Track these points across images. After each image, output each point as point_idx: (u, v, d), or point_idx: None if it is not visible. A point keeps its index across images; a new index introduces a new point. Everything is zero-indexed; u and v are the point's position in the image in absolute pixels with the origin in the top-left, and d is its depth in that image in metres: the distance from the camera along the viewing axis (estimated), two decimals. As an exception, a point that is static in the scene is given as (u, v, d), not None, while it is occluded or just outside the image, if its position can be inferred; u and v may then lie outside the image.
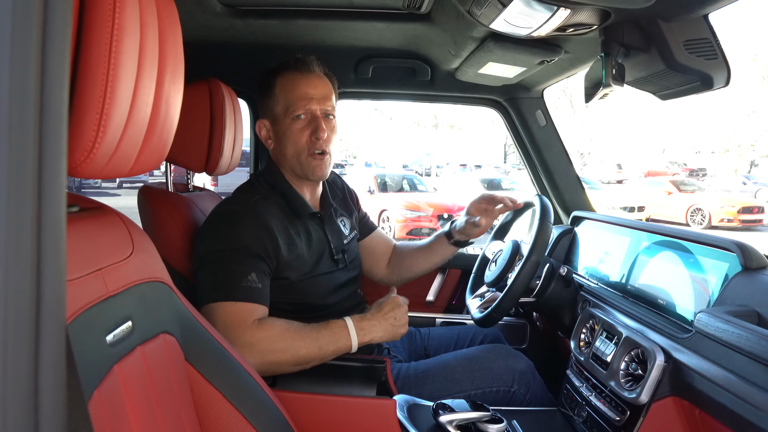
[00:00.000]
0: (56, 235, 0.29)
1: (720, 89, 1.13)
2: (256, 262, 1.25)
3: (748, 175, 23.13)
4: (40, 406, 0.27)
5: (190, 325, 0.89)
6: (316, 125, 1.36)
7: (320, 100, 1.37)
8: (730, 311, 0.93)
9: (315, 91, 1.37)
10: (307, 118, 1.37)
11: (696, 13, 1.06)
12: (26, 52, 0.26)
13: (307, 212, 1.41)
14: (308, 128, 1.37)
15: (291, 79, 1.38)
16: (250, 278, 1.23)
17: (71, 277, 0.63)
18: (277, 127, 1.41)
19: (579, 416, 1.33)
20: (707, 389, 0.96)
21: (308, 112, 1.37)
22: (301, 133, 1.37)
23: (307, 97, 1.36)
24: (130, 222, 0.84)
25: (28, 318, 0.27)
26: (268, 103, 1.42)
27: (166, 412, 0.77)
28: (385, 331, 1.28)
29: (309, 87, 1.37)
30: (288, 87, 1.38)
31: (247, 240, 1.26)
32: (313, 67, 1.40)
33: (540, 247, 1.41)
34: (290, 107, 1.37)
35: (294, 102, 1.36)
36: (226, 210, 1.34)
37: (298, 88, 1.37)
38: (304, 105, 1.36)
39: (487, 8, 1.13)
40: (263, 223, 1.30)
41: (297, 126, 1.37)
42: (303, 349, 1.19)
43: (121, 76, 0.59)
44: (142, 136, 0.67)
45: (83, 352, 0.61)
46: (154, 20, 0.66)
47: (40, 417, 0.27)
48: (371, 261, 1.73)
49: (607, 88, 1.17)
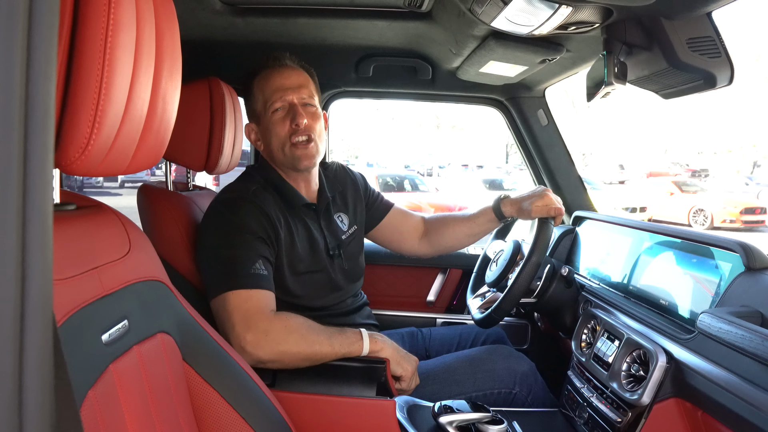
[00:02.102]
0: (42, 232, 0.28)
1: (723, 88, 1.12)
2: (261, 247, 1.27)
3: (751, 176, 23.07)
4: (24, 406, 0.27)
5: (188, 325, 0.89)
6: (294, 112, 1.37)
7: (295, 90, 1.39)
8: (733, 312, 0.92)
9: (288, 81, 1.39)
10: (285, 109, 1.39)
11: (699, 11, 1.05)
12: (10, 43, 0.25)
13: (301, 203, 1.41)
14: (287, 118, 1.38)
15: (265, 76, 1.41)
16: (257, 265, 1.24)
17: (66, 276, 0.62)
18: (262, 126, 1.43)
19: (580, 417, 1.32)
20: (710, 391, 0.95)
21: (285, 103, 1.38)
22: (282, 123, 1.38)
23: (282, 88, 1.38)
24: (128, 221, 0.83)
25: (12, 316, 0.26)
26: (250, 105, 1.46)
27: (163, 412, 0.76)
28: (394, 353, 1.28)
29: (282, 78, 1.39)
30: (263, 83, 1.41)
31: (250, 224, 1.27)
32: (285, 60, 1.42)
33: (541, 248, 1.40)
34: (267, 102, 1.39)
35: (270, 96, 1.39)
36: (226, 198, 1.36)
37: (271, 81, 1.39)
38: (280, 96, 1.38)
39: (488, 6, 1.12)
40: (263, 210, 1.31)
41: (276, 118, 1.39)
42: (317, 344, 1.20)
43: (116, 72, 0.58)
44: (138, 133, 0.67)
45: (78, 352, 0.60)
46: (151, 16, 0.65)
47: (24, 417, 0.27)
48: (398, 238, 1.72)
49: (609, 86, 1.16)
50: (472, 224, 1.66)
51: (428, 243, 1.71)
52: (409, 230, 1.72)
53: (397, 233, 1.71)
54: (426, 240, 1.71)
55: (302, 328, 1.21)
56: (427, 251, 1.73)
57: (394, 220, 1.71)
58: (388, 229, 1.70)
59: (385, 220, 1.69)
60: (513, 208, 1.58)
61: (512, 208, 1.58)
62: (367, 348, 1.24)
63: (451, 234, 1.69)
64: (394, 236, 1.71)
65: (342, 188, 1.58)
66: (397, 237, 1.71)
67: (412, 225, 1.72)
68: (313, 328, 1.22)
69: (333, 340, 1.22)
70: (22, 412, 0.27)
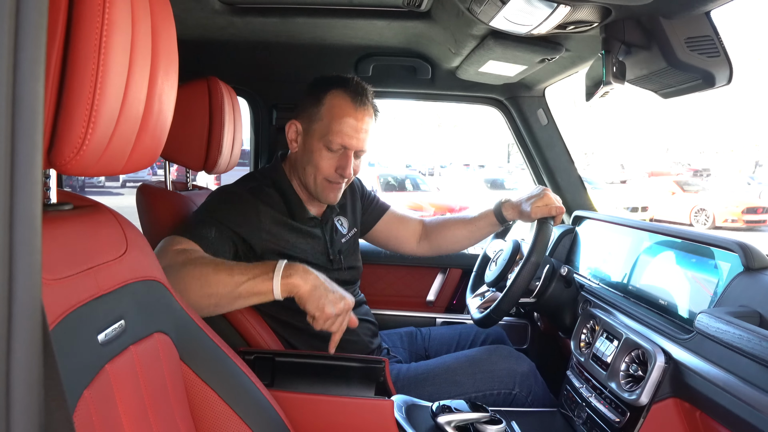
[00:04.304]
0: (30, 232, 0.28)
1: (722, 87, 1.11)
2: (225, 230, 1.26)
3: (753, 176, 23.03)
4: (11, 407, 0.27)
5: (186, 325, 0.89)
6: (346, 163, 1.35)
7: (360, 141, 1.35)
8: (731, 312, 0.92)
9: (360, 125, 1.34)
10: (340, 152, 1.35)
11: (697, 10, 1.04)
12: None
13: (304, 216, 1.41)
14: (336, 158, 1.35)
15: (342, 105, 1.34)
16: (209, 231, 1.24)
17: (62, 276, 0.62)
18: (308, 139, 1.38)
19: (579, 417, 1.32)
20: (708, 391, 0.95)
21: (343, 148, 1.35)
22: (330, 160, 1.35)
23: (352, 135, 1.34)
24: (125, 220, 0.83)
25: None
26: (310, 111, 1.38)
27: (160, 412, 0.76)
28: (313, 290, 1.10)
29: (358, 124, 1.34)
30: (336, 111, 1.34)
31: (227, 218, 1.28)
32: (368, 100, 1.37)
33: (540, 248, 1.39)
34: (329, 134, 1.33)
35: (337, 132, 1.33)
36: (222, 190, 1.38)
37: (346, 120, 1.33)
38: (344, 141, 1.33)
39: (486, 6, 1.12)
40: (252, 207, 1.32)
41: (327, 153, 1.35)
42: (213, 276, 1.09)
43: (111, 71, 0.58)
44: (134, 133, 0.66)
45: (73, 352, 0.60)
46: (147, 16, 0.65)
47: (11, 417, 0.27)
48: (395, 241, 1.72)
49: (607, 86, 1.16)
50: (473, 227, 1.66)
51: (428, 245, 1.72)
52: (407, 233, 1.72)
53: (393, 236, 1.72)
54: (426, 242, 1.72)
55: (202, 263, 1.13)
56: (427, 252, 1.73)
57: (390, 222, 1.71)
58: (383, 232, 1.71)
59: (381, 222, 1.70)
60: (514, 212, 1.59)
61: (513, 212, 1.59)
62: (278, 285, 1.09)
63: (451, 236, 1.69)
64: (390, 239, 1.72)
65: (343, 195, 1.58)
66: (393, 239, 1.72)
67: (409, 227, 1.73)
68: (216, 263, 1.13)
69: (234, 270, 1.11)
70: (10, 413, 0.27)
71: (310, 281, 1.11)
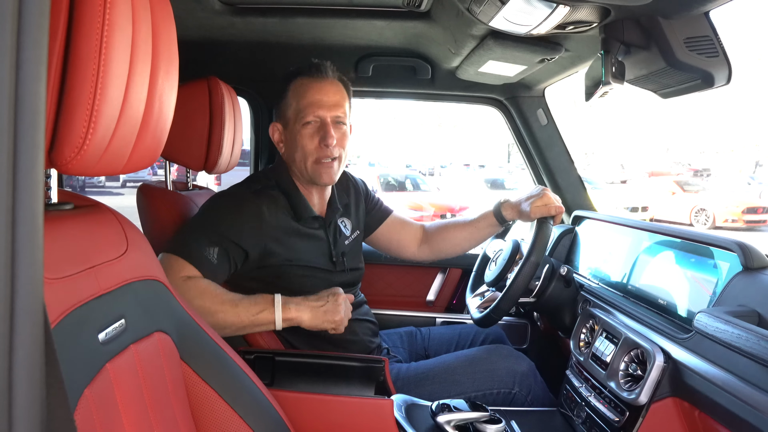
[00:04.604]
0: (32, 232, 0.28)
1: (721, 87, 1.12)
2: (227, 244, 1.28)
3: (753, 176, 23.02)
4: (14, 405, 0.27)
5: (186, 324, 0.89)
6: (325, 132, 1.36)
7: (330, 107, 1.37)
8: (730, 311, 0.92)
9: (326, 98, 1.37)
10: (317, 124, 1.37)
11: (696, 11, 1.05)
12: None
13: (309, 215, 1.41)
14: (317, 135, 1.37)
15: (303, 85, 1.38)
16: (211, 251, 1.25)
17: (63, 275, 0.62)
18: (288, 132, 1.41)
19: (578, 417, 1.32)
20: (707, 390, 0.95)
21: (318, 119, 1.37)
22: (311, 140, 1.37)
23: (318, 104, 1.36)
24: (125, 220, 0.83)
25: (2, 316, 0.27)
26: (281, 106, 1.43)
27: (160, 411, 0.76)
28: (313, 317, 1.27)
29: (320, 93, 1.37)
30: (300, 93, 1.38)
31: (229, 225, 1.29)
32: (327, 72, 1.39)
33: (539, 248, 1.40)
34: (300, 113, 1.37)
35: (304, 108, 1.36)
36: (227, 193, 1.39)
37: (309, 94, 1.37)
38: (314, 111, 1.36)
39: (486, 6, 1.12)
40: (257, 210, 1.32)
41: (306, 132, 1.37)
42: (220, 313, 1.20)
43: (112, 72, 0.58)
44: (135, 133, 0.67)
45: (74, 350, 0.60)
46: (147, 16, 0.65)
47: (13, 415, 0.27)
48: (396, 245, 1.73)
49: (606, 86, 1.16)
50: (473, 229, 1.67)
51: (429, 249, 1.73)
52: (408, 237, 1.73)
53: (395, 240, 1.72)
54: (426, 246, 1.73)
55: (206, 296, 1.21)
56: (428, 256, 1.74)
57: (392, 226, 1.72)
58: (385, 236, 1.71)
59: (383, 226, 1.71)
60: (513, 212, 1.59)
61: (513, 212, 1.59)
62: (279, 318, 1.24)
63: (451, 239, 1.70)
64: (392, 242, 1.73)
65: (346, 195, 1.60)
66: (395, 243, 1.73)
67: (410, 232, 1.73)
68: (219, 297, 1.22)
69: (239, 307, 1.22)
70: (12, 411, 0.27)
71: (303, 310, 1.26)
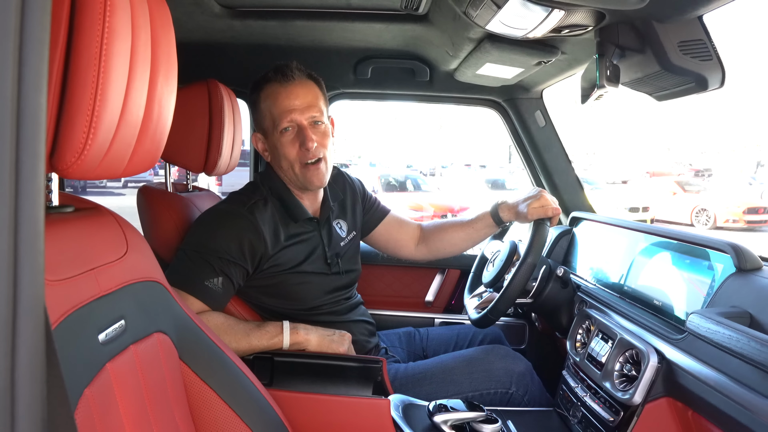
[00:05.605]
0: (34, 236, 0.29)
1: (715, 90, 1.13)
2: (227, 267, 1.29)
3: (754, 176, 23.00)
4: (16, 404, 0.28)
5: (185, 325, 0.90)
6: (304, 136, 1.35)
7: (303, 110, 1.36)
8: (722, 312, 0.93)
9: (297, 101, 1.35)
10: (294, 129, 1.36)
11: (690, 15, 1.06)
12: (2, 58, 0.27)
13: (303, 217, 1.42)
14: (297, 140, 1.36)
15: (272, 93, 1.37)
16: (214, 281, 1.27)
17: (63, 277, 0.64)
18: (269, 141, 1.41)
19: (574, 416, 1.33)
20: (700, 390, 0.96)
21: (294, 124, 1.36)
22: (291, 146, 1.36)
23: (289, 109, 1.35)
24: (125, 222, 0.85)
25: (4, 318, 0.28)
26: (257, 117, 1.43)
27: (159, 411, 0.78)
28: (320, 343, 1.33)
29: (290, 98, 1.35)
30: (270, 101, 1.37)
31: (227, 244, 1.29)
32: (293, 74, 1.37)
33: (536, 249, 1.40)
34: (275, 121, 1.36)
35: (278, 116, 1.36)
36: (220, 209, 1.37)
37: (279, 101, 1.36)
38: (288, 117, 1.35)
39: (482, 10, 1.13)
40: (252, 227, 1.32)
41: (286, 139, 1.36)
42: (233, 343, 1.25)
43: (111, 78, 0.60)
44: (134, 137, 0.68)
45: (74, 351, 0.62)
46: (146, 22, 0.67)
47: (16, 414, 0.28)
48: (393, 244, 1.74)
49: (601, 89, 1.17)
50: (471, 230, 1.68)
51: (426, 249, 1.73)
52: (405, 237, 1.74)
53: (392, 239, 1.73)
54: (424, 246, 1.73)
55: (219, 330, 1.25)
56: (425, 256, 1.75)
57: (389, 226, 1.73)
58: (383, 235, 1.72)
59: (381, 225, 1.71)
60: (510, 213, 1.60)
61: (510, 213, 1.60)
62: (288, 341, 1.30)
63: (449, 240, 1.71)
64: (389, 242, 1.74)
65: (342, 195, 1.60)
66: (393, 243, 1.74)
67: (408, 232, 1.74)
68: (232, 328, 1.27)
69: (251, 336, 1.28)
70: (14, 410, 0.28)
71: (311, 333, 1.33)
